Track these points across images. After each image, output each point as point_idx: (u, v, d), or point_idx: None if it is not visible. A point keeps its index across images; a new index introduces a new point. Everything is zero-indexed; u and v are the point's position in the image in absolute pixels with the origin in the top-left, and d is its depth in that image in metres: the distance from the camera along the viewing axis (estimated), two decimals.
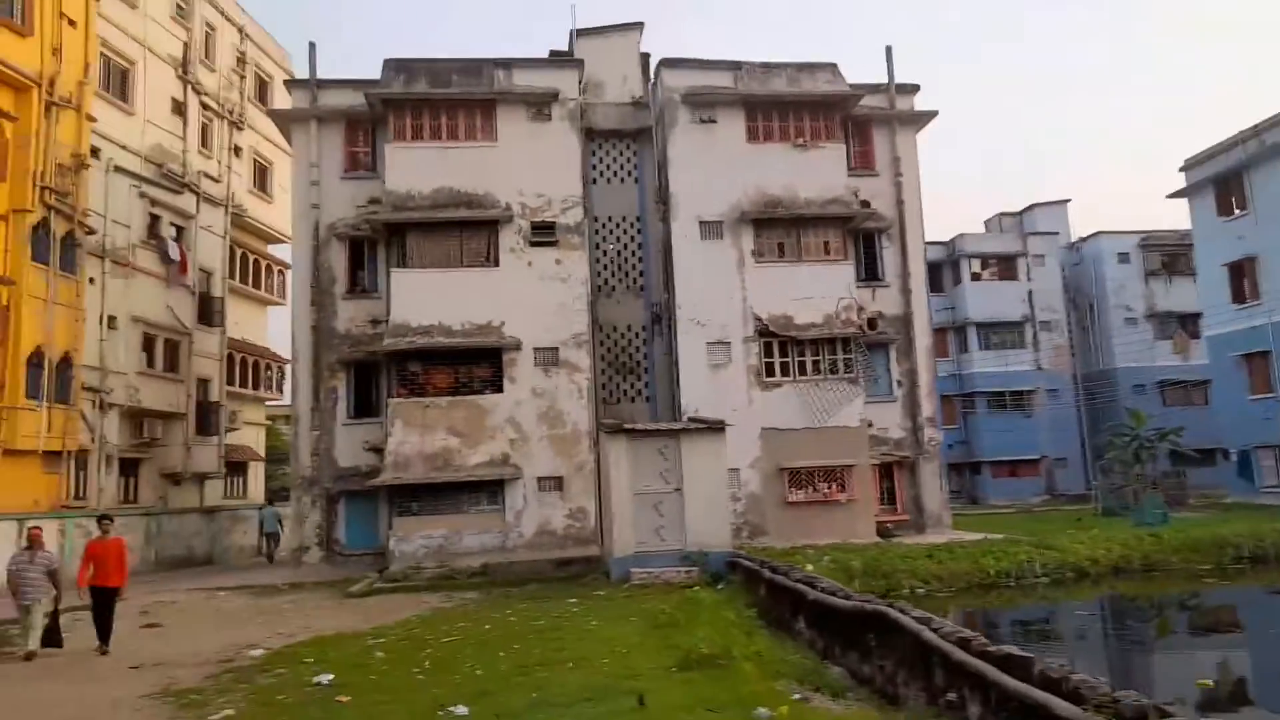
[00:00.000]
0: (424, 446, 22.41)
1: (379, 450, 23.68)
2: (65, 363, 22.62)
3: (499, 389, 23.18)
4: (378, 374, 24.32)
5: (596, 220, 26.16)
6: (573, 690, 7.68)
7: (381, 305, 24.28)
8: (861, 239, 26.42)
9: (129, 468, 26.62)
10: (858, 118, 26.56)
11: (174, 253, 28.07)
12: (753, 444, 23.04)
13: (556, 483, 22.97)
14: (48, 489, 22.14)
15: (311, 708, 8.09)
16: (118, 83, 26.87)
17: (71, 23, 23.31)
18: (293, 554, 23.57)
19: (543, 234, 23.95)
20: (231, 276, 32.42)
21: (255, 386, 34.14)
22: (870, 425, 24.13)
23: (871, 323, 25.43)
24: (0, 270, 20.76)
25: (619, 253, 26.69)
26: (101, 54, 25.50)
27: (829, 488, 23.04)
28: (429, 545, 21.99)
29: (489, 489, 22.74)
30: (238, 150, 33.04)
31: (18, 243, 21.38)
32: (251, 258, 34.36)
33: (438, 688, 8.41)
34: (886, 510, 24.63)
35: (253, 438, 34.83)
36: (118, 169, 25.87)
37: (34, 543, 11.97)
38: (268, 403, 36.59)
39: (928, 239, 27.96)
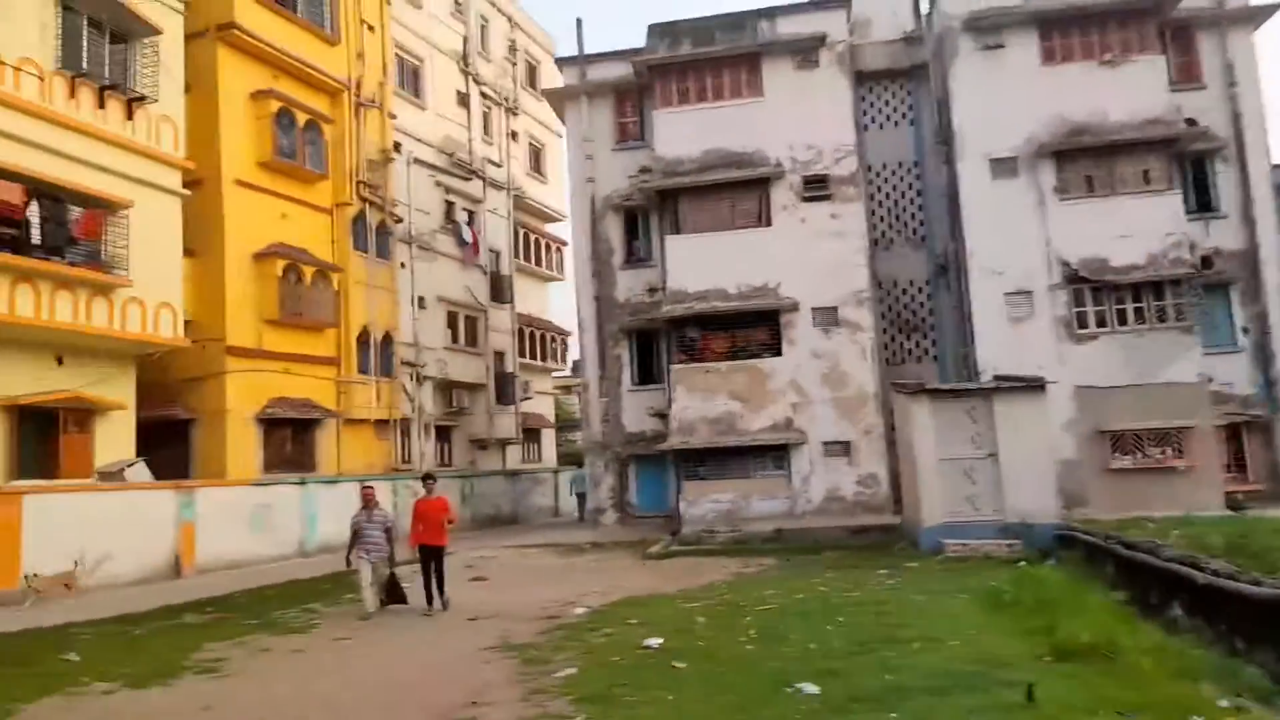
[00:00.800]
0: (706, 411, 22.42)
1: (662, 415, 24.10)
2: (386, 340, 25.02)
3: (778, 352, 22.63)
4: (657, 341, 24.68)
5: (869, 169, 24.67)
6: (930, 674, 6.95)
7: (656, 273, 24.54)
8: (1189, 164, 22.80)
9: (442, 434, 29.16)
10: (1176, 22, 22.86)
11: (467, 235, 30.17)
12: (1065, 404, 20.63)
13: (843, 447, 22.09)
14: (380, 454, 24.70)
15: (648, 672, 8.00)
16: (410, 80, 29.14)
17: (370, 28, 25.49)
18: (590, 515, 24.64)
19: (815, 188, 22.95)
20: (515, 255, 34.39)
21: (543, 358, 36.12)
22: (1210, 380, 20.85)
23: (1206, 261, 21.98)
24: (329, 258, 23.23)
25: (895, 202, 25.06)
26: (395, 54, 27.72)
27: (1162, 453, 20.20)
28: (717, 509, 22.03)
29: (774, 454, 22.35)
30: (514, 135, 34.86)
31: (342, 233, 23.83)
32: (532, 237, 36.26)
33: (772, 660, 8.02)
34: (1234, 478, 21.24)
35: (544, 406, 36.99)
36: (416, 161, 28.11)
37: (368, 502, 12.09)
38: (553, 374, 38.70)
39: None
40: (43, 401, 16.35)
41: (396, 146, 26.64)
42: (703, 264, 22.84)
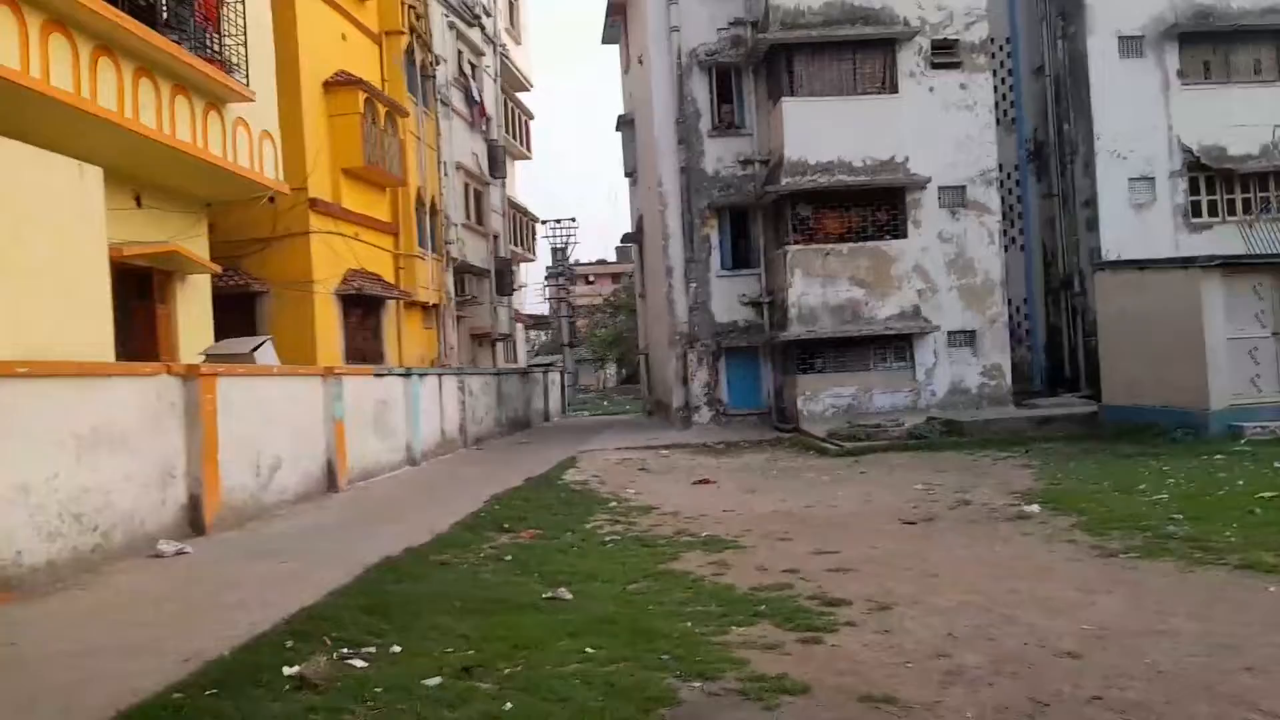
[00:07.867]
0: (828, 298, 20.35)
1: (757, 304, 21.85)
2: (434, 210, 20.75)
3: (899, 234, 20.80)
4: (751, 220, 22.10)
5: None
6: None
7: (750, 143, 21.86)
8: None
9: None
10: None
11: (476, 93, 25.68)
12: None
13: (968, 337, 20.85)
14: (430, 344, 20.71)
15: None
16: None
17: None
18: (678, 413, 22.00)
19: (944, 54, 20.92)
20: (500, 125, 30.02)
21: (522, 245, 32.28)
22: None
23: None
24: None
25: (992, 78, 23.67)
26: None
27: None
28: (837, 404, 20.29)
29: (896, 345, 20.77)
30: None
31: (394, 70, 19.15)
32: (509, 105, 31.84)
33: None
34: None
35: (517, 300, 33.25)
36: None
37: None
38: (521, 264, 34.85)
39: None
40: (140, 255, 11.60)
41: None
42: (824, 132, 20.33)
